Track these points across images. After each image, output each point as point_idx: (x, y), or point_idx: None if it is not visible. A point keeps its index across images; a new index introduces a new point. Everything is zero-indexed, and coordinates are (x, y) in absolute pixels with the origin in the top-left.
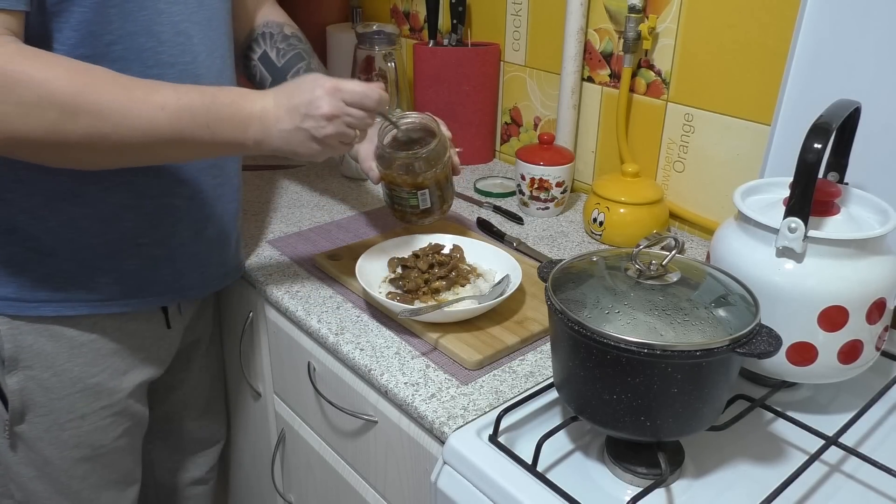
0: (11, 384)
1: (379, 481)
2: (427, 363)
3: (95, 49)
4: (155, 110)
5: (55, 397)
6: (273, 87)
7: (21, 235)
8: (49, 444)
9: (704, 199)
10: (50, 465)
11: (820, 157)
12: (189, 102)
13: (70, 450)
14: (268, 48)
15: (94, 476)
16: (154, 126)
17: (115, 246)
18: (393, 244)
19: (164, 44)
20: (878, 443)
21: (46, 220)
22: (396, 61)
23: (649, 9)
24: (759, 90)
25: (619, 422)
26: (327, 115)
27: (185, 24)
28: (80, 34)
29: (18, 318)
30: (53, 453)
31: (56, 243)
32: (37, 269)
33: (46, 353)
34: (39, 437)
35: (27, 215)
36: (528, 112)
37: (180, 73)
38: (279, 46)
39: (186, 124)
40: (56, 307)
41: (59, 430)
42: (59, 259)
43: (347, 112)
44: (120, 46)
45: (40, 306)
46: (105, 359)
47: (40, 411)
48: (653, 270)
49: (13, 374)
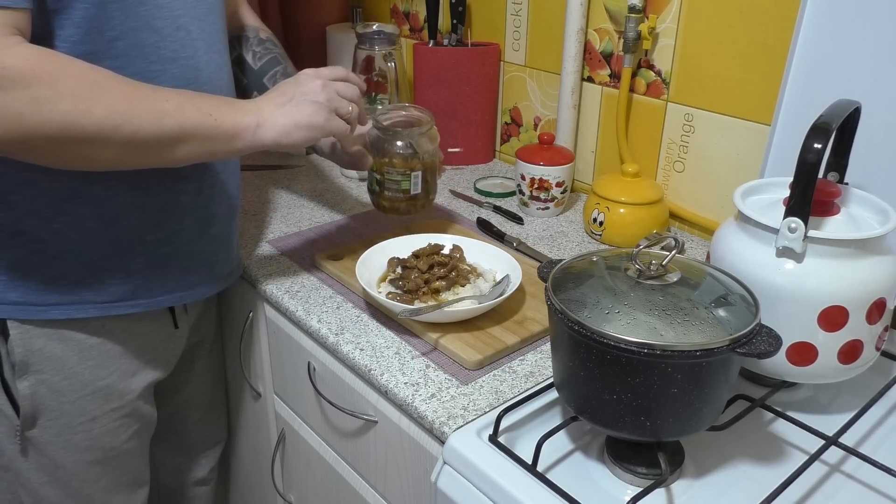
0: (22, 389)
1: (379, 481)
2: (427, 363)
3: (98, 45)
4: (160, 101)
5: (66, 401)
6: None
7: (27, 238)
8: (61, 447)
9: (704, 199)
10: (62, 470)
11: (820, 157)
12: (189, 96)
13: (82, 453)
14: (243, 51)
15: (105, 479)
16: (161, 115)
17: (121, 245)
18: (393, 244)
19: (165, 39)
20: (878, 443)
21: (52, 221)
22: (396, 61)
23: (649, 9)
24: (759, 90)
25: (619, 422)
26: (318, 83)
27: (185, 18)
28: (83, 31)
29: (27, 322)
30: (65, 457)
31: (62, 245)
32: (44, 272)
33: (56, 356)
34: (51, 441)
35: (33, 218)
36: (528, 112)
37: (182, 68)
38: (255, 49)
39: (191, 113)
40: (65, 310)
41: (70, 433)
42: (66, 261)
43: (334, 82)
44: (122, 42)
45: (49, 309)
46: (114, 361)
47: (52, 415)
48: (653, 270)
49: (24, 379)
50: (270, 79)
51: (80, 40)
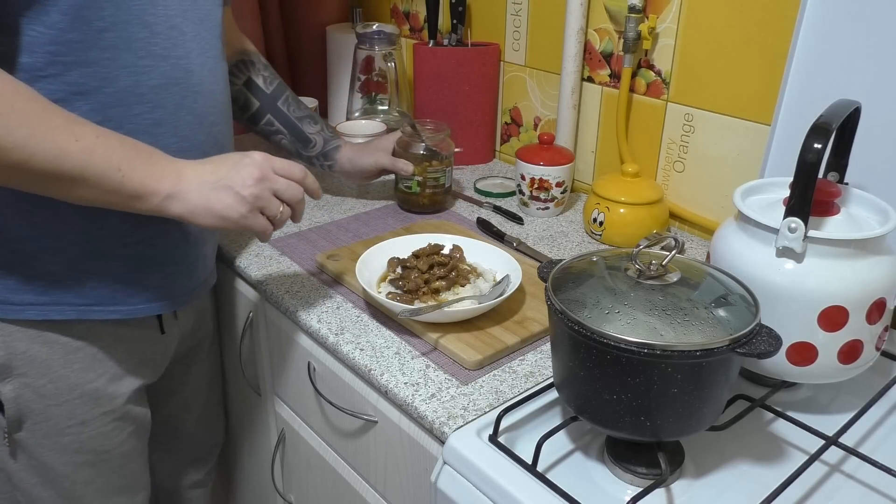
0: (6, 392)
1: (379, 481)
2: (427, 363)
3: (86, 34)
4: (68, 139)
5: (52, 404)
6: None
7: (5, 236)
8: (49, 449)
9: (704, 199)
10: (52, 472)
11: (820, 157)
12: (107, 142)
13: (71, 454)
14: (253, 75)
15: (99, 481)
16: (63, 154)
17: (101, 244)
18: (393, 244)
19: (156, 35)
20: (878, 443)
21: (31, 214)
22: (396, 61)
23: (649, 9)
24: (759, 90)
25: (619, 422)
26: (255, 176)
27: (179, 18)
28: (70, 18)
29: (8, 323)
30: (55, 459)
31: (41, 241)
32: (21, 270)
33: (41, 359)
34: (39, 443)
35: (11, 209)
36: (528, 112)
37: (172, 66)
38: (264, 74)
39: (98, 161)
40: (42, 310)
41: (58, 435)
42: (45, 261)
43: (275, 177)
44: (112, 34)
45: (25, 309)
46: (101, 364)
47: (37, 418)
48: (653, 270)
49: (7, 382)
50: (284, 103)
51: (67, 28)
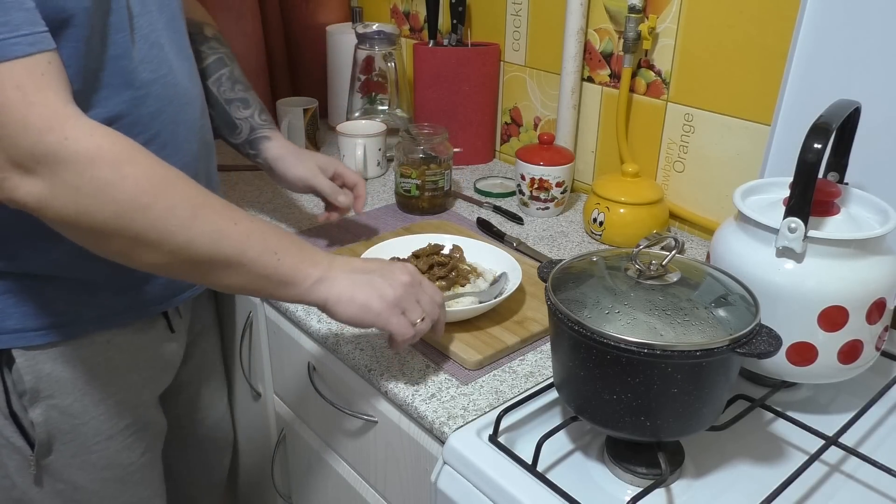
0: (35, 417)
1: (379, 481)
2: (427, 363)
3: (86, 84)
4: (228, 222)
5: (79, 423)
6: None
7: (18, 265)
8: (78, 468)
9: (704, 199)
10: (80, 491)
11: (820, 157)
12: (262, 226)
13: (100, 471)
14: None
15: (125, 496)
16: (222, 236)
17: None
18: (393, 244)
19: (143, 62)
20: (878, 443)
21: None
22: (396, 61)
23: (649, 9)
24: (758, 90)
25: (619, 422)
26: (405, 280)
27: (156, 33)
28: (73, 70)
29: (32, 347)
30: (83, 477)
31: (56, 271)
32: (37, 297)
33: (66, 378)
34: (67, 462)
35: (28, 250)
36: (528, 112)
37: (163, 86)
38: (201, 48)
39: (255, 244)
40: (62, 331)
41: (86, 452)
42: (57, 284)
43: (422, 289)
44: (104, 73)
45: (47, 333)
46: (122, 376)
47: (65, 438)
48: (653, 270)
49: (36, 406)
50: (216, 82)
51: (73, 78)
